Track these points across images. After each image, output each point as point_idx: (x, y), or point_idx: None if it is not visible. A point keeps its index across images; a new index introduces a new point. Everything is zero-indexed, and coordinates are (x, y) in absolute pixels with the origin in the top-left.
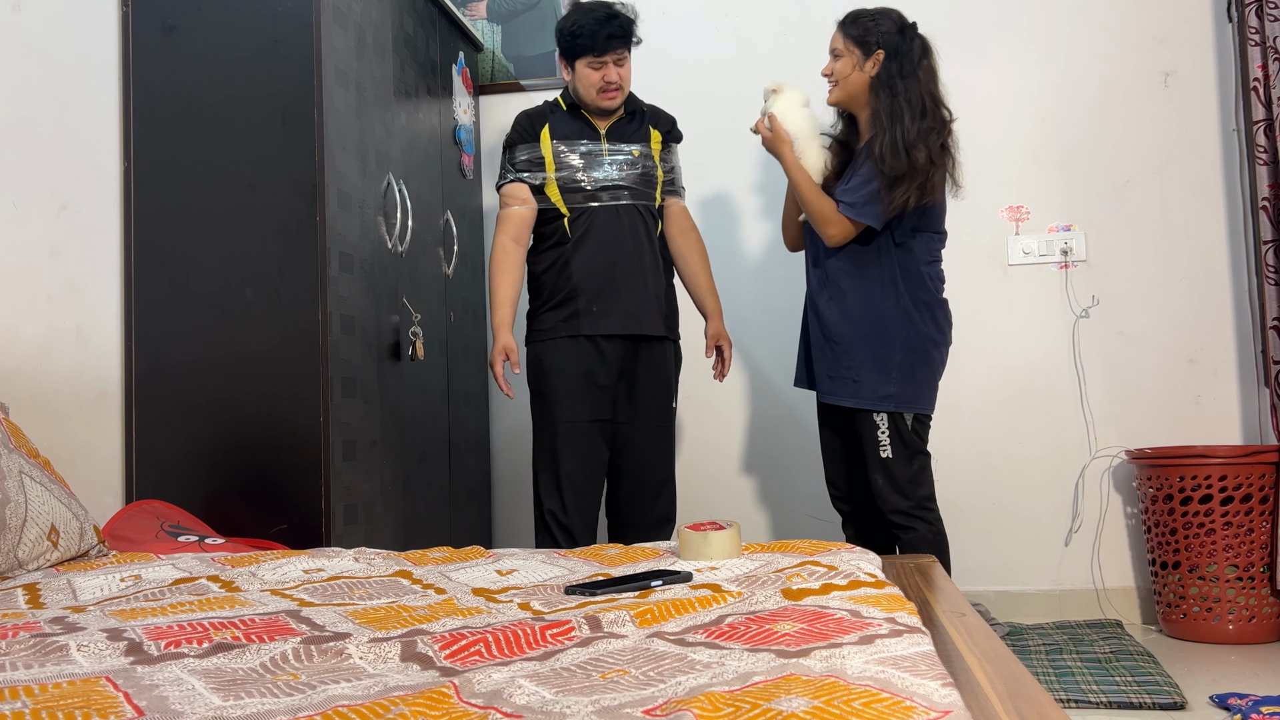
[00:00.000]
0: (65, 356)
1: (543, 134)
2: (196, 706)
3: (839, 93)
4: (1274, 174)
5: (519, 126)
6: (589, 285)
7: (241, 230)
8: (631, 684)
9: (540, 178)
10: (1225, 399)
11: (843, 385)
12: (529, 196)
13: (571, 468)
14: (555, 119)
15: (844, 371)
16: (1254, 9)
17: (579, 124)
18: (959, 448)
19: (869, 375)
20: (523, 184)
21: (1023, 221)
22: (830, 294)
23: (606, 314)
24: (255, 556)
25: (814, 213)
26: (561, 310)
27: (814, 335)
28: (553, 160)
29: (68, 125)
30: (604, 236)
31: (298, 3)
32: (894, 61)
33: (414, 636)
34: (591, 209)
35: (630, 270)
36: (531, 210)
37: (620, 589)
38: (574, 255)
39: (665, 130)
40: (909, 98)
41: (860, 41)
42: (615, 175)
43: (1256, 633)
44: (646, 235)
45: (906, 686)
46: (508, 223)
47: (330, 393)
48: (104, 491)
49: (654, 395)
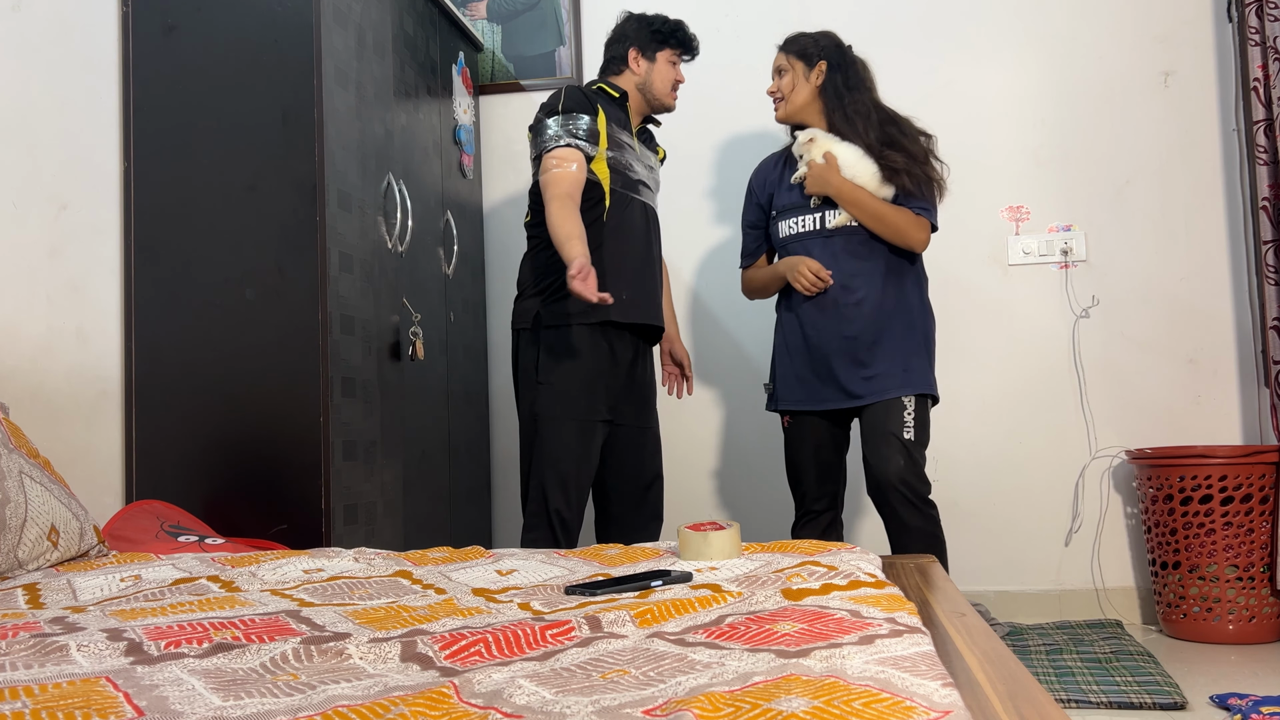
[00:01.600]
0: (65, 356)
1: (600, 111)
2: (196, 706)
3: (787, 108)
4: (1274, 174)
5: (575, 97)
6: (620, 272)
7: (241, 230)
8: (631, 684)
9: (595, 150)
10: (1225, 399)
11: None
12: (584, 163)
13: (579, 465)
14: (604, 104)
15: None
16: (1254, 9)
17: (622, 115)
18: (959, 448)
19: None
20: (579, 151)
21: (1023, 221)
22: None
23: (635, 303)
24: (255, 556)
25: (896, 224)
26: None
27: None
28: (606, 138)
29: (68, 125)
30: (636, 229)
31: (298, 3)
32: (837, 73)
33: (414, 636)
34: (629, 197)
35: (652, 265)
36: (583, 175)
37: (620, 589)
38: (609, 240)
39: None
40: (858, 106)
41: (802, 55)
42: (647, 175)
43: (1256, 633)
44: (656, 236)
45: (906, 686)
46: (564, 181)
47: (330, 393)
48: (104, 491)
49: (645, 396)
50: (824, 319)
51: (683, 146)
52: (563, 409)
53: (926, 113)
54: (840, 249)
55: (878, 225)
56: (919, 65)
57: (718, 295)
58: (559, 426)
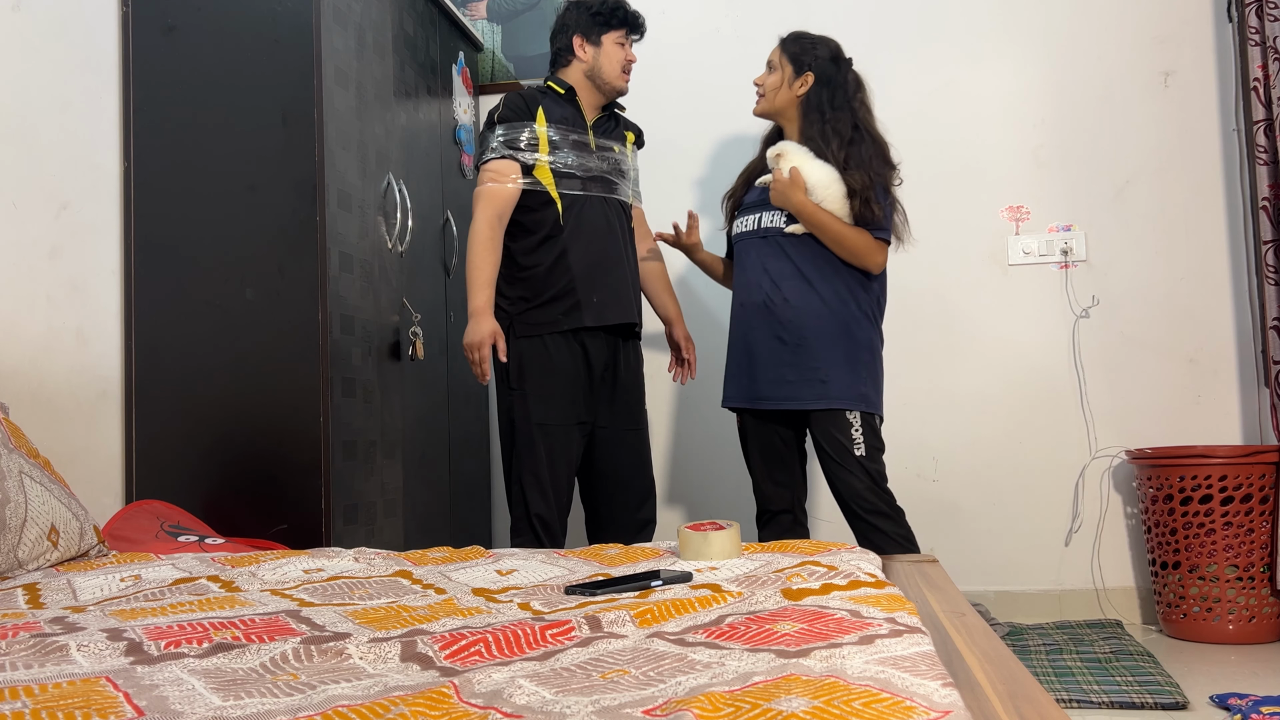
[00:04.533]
0: (65, 356)
1: (539, 114)
2: (196, 706)
3: (765, 104)
4: (1274, 174)
5: (512, 104)
6: (587, 276)
7: (241, 230)
8: (631, 684)
9: (533, 157)
10: (1225, 399)
11: (811, 387)
12: (518, 174)
13: (558, 469)
14: (548, 102)
15: (811, 374)
16: (1254, 9)
17: (571, 111)
18: (959, 448)
19: (841, 374)
20: (514, 161)
21: (1023, 221)
22: (792, 297)
23: (606, 305)
24: (255, 556)
25: (853, 247)
26: (559, 304)
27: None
28: (547, 143)
29: (68, 125)
30: (597, 227)
31: (298, 3)
32: (824, 89)
33: (414, 636)
34: (584, 198)
35: (620, 262)
36: (517, 190)
37: (620, 589)
38: (571, 245)
39: (636, 134)
40: (837, 126)
41: (794, 59)
42: (604, 168)
43: (1256, 633)
44: (623, 230)
45: (906, 686)
46: (494, 200)
47: (330, 393)
48: (104, 491)
49: (631, 395)
50: (756, 318)
51: (683, 145)
52: (538, 415)
53: (926, 113)
54: (776, 251)
55: (836, 247)
56: (919, 65)
57: (717, 295)
58: (535, 432)
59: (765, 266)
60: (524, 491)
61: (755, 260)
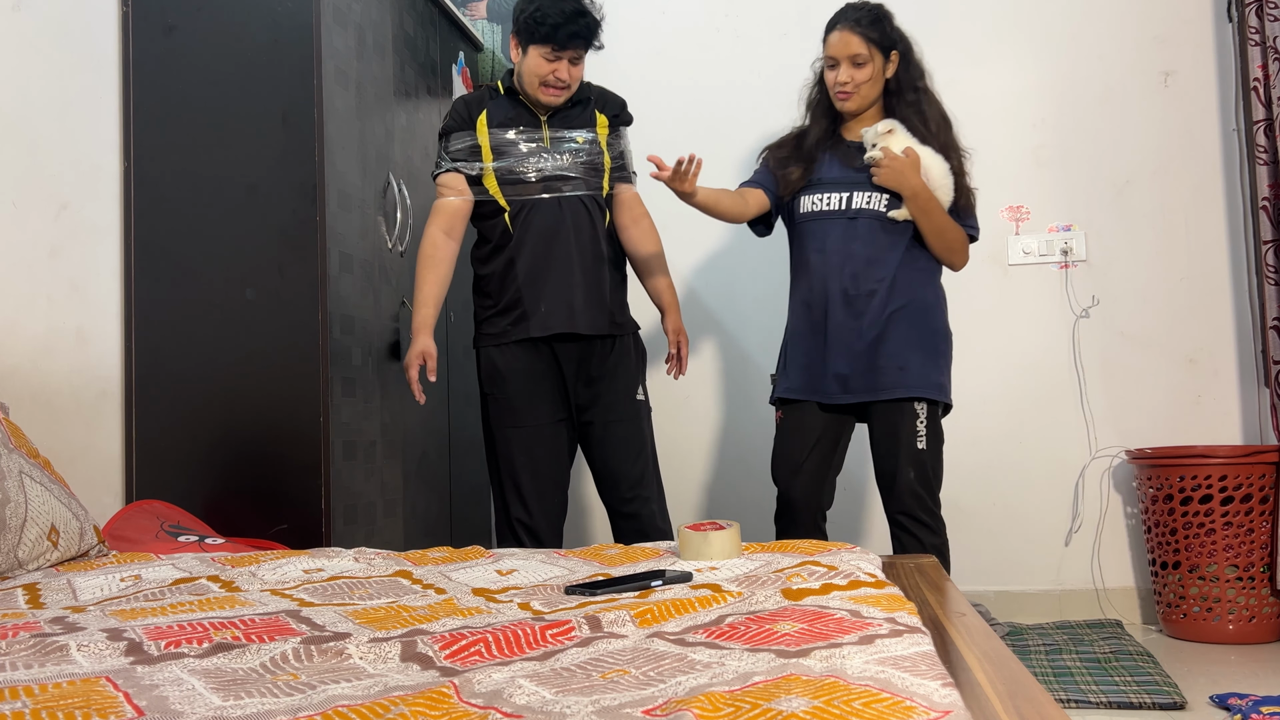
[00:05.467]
0: (65, 356)
1: (479, 121)
2: (196, 706)
3: (858, 101)
4: (1274, 174)
5: (454, 113)
6: (534, 285)
7: (241, 230)
8: (631, 684)
9: (477, 168)
10: (1225, 399)
11: (889, 375)
12: (464, 187)
13: (532, 472)
14: (494, 105)
15: (892, 364)
16: (1254, 9)
17: (518, 110)
18: (959, 448)
19: (921, 364)
20: (458, 174)
21: (1023, 221)
22: (880, 284)
23: (553, 313)
24: (255, 556)
25: (951, 241)
26: (510, 314)
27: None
28: (489, 149)
29: (68, 125)
30: (546, 232)
31: (298, 3)
32: (908, 65)
33: (414, 636)
34: (532, 202)
35: (572, 267)
36: (466, 202)
37: (620, 589)
38: (519, 254)
39: (613, 114)
40: (928, 106)
41: (879, 44)
42: (557, 165)
43: (1256, 633)
44: (591, 228)
45: (906, 686)
46: (439, 214)
47: (330, 393)
48: (104, 491)
49: (616, 390)
50: (838, 305)
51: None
52: (509, 419)
53: None
54: (867, 235)
55: (937, 237)
56: None
57: (717, 295)
58: (506, 436)
59: (851, 250)
60: (503, 497)
61: (839, 243)
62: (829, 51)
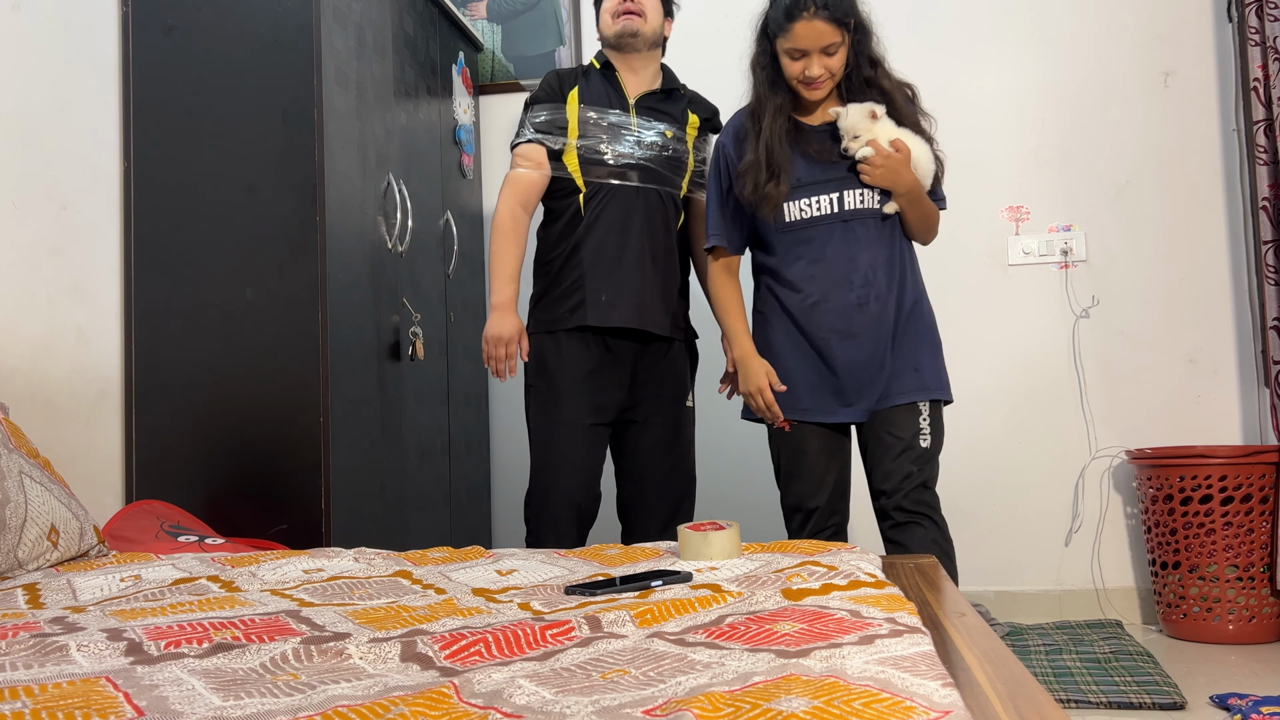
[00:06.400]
0: (65, 357)
1: (570, 96)
2: (196, 706)
3: (830, 85)
4: (1274, 174)
5: (546, 84)
6: (599, 272)
7: (241, 230)
8: (631, 684)
9: (560, 142)
10: (1225, 399)
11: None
12: (544, 160)
13: (567, 471)
14: (586, 83)
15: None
16: (1254, 9)
17: (611, 91)
18: (959, 448)
19: (931, 363)
20: (540, 146)
21: (1023, 221)
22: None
23: (614, 305)
24: (255, 556)
25: (934, 224)
26: (568, 300)
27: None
28: (577, 126)
29: (68, 125)
30: (620, 219)
31: (298, 3)
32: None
33: (414, 636)
34: (610, 186)
35: (643, 260)
36: (545, 176)
37: (620, 589)
38: (586, 238)
39: (705, 117)
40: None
41: (843, 23)
42: (641, 153)
43: (1256, 633)
44: (665, 224)
45: (906, 686)
46: (518, 185)
47: (330, 392)
48: (104, 491)
49: (664, 393)
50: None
51: None
52: (555, 414)
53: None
54: (866, 236)
55: (920, 223)
56: (919, 65)
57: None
58: (543, 433)
59: (855, 256)
60: (531, 494)
61: (839, 249)
62: (794, 44)
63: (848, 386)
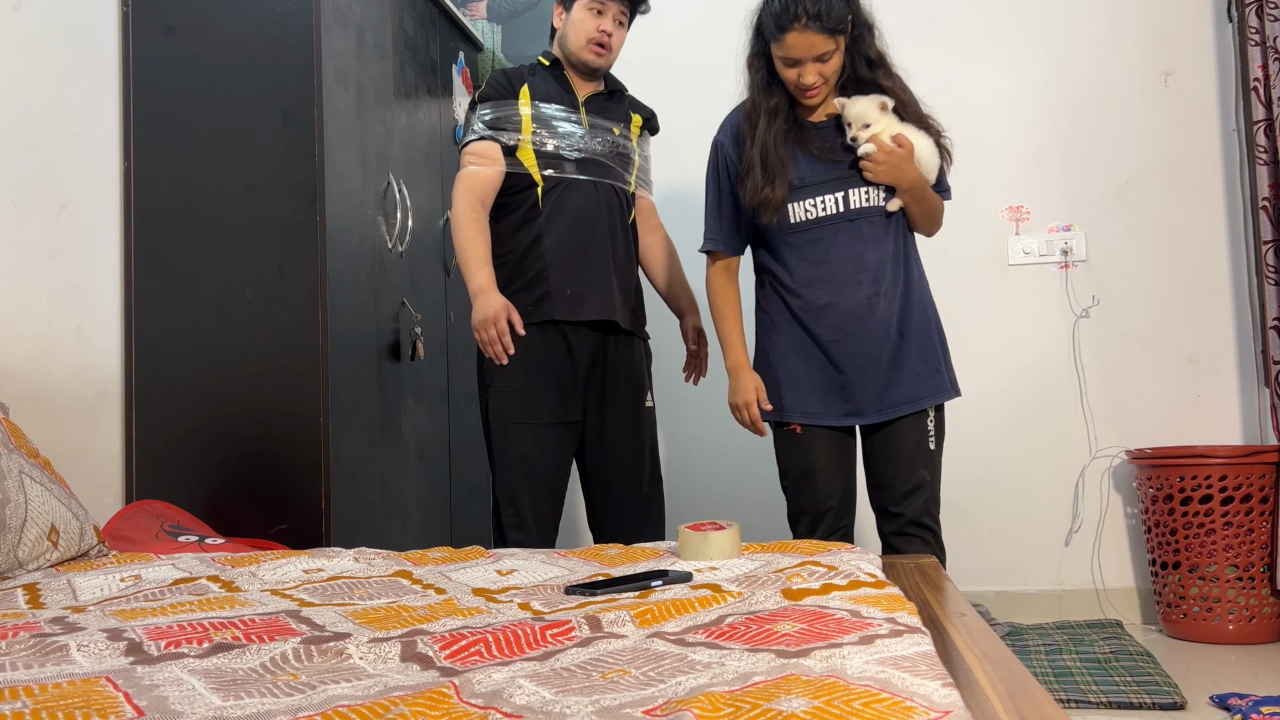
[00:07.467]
0: (65, 356)
1: (522, 92)
2: (196, 706)
3: (826, 89)
4: (1274, 174)
5: (495, 82)
6: (562, 265)
7: (241, 230)
8: (631, 684)
9: (515, 138)
10: (1225, 399)
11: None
12: (499, 156)
13: (533, 473)
14: (535, 80)
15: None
16: (1254, 9)
17: (559, 89)
18: (959, 448)
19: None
20: (495, 143)
21: (1023, 221)
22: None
23: (581, 298)
24: (255, 556)
25: (939, 217)
26: (530, 293)
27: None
28: (530, 122)
29: (68, 125)
30: (579, 212)
31: (298, 3)
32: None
33: (414, 636)
34: (566, 180)
35: (604, 251)
36: (500, 172)
37: (620, 589)
38: (547, 230)
39: (646, 116)
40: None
41: (837, 29)
42: (594, 148)
43: (1256, 633)
44: (620, 218)
45: (906, 686)
46: (475, 182)
47: (330, 393)
48: (104, 491)
49: (625, 393)
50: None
51: (682, 144)
52: (508, 414)
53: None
54: (873, 235)
55: (924, 217)
56: (919, 65)
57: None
58: (505, 434)
59: (863, 256)
60: (496, 499)
61: (847, 250)
62: (787, 54)
63: (855, 386)
